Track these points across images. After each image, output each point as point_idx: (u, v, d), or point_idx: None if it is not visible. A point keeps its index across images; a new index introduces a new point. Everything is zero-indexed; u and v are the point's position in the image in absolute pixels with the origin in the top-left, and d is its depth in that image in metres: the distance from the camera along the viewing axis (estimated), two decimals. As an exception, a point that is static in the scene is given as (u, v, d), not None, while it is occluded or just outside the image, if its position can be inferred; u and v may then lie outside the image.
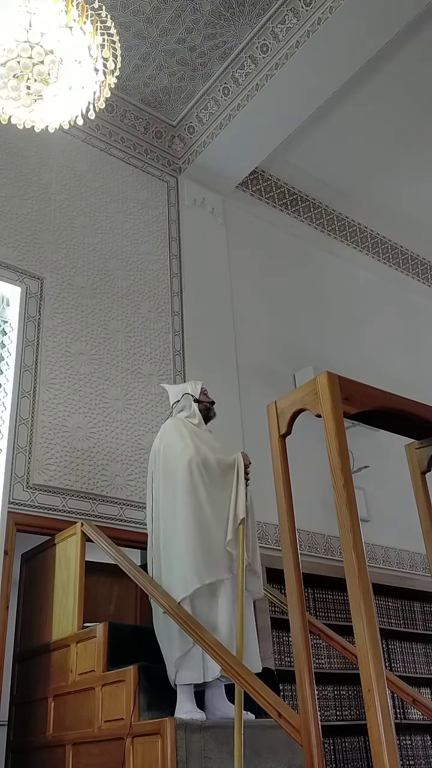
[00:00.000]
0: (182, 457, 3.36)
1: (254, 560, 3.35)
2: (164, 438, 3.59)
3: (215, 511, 3.27)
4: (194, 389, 3.82)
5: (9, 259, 4.70)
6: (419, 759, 4.99)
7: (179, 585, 3.14)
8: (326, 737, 4.50)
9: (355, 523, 2.05)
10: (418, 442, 2.55)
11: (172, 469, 3.40)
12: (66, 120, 3.46)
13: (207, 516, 3.24)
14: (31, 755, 3.65)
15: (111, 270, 5.21)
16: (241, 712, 2.71)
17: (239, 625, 3.02)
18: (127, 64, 5.28)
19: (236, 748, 2.60)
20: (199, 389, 3.82)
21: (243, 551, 3.17)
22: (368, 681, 1.89)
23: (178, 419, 3.70)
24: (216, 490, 3.33)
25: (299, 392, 2.36)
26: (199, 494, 3.27)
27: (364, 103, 5.80)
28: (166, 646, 3.22)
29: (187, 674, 3.10)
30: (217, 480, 3.36)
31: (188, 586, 3.10)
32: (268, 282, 6.17)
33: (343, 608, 5.09)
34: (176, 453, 3.42)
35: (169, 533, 3.32)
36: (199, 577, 3.10)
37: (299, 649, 2.16)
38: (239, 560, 3.17)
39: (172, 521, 3.31)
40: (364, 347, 6.52)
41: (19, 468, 4.14)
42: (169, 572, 3.24)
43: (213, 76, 5.51)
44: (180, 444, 3.44)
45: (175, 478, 3.35)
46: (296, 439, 2.45)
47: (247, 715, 3.07)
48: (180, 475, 3.32)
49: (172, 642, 3.17)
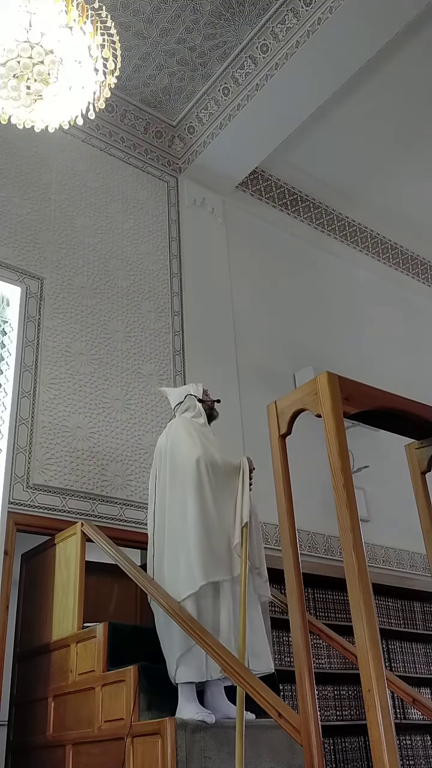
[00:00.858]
0: (191, 455, 3.36)
1: (261, 564, 3.36)
2: (172, 435, 3.57)
3: (219, 512, 3.27)
4: (197, 390, 3.82)
5: (9, 259, 4.70)
6: (419, 759, 4.99)
7: (186, 581, 3.13)
8: (326, 737, 4.49)
9: (355, 523, 2.06)
10: (418, 442, 2.55)
11: (182, 467, 3.39)
12: (66, 120, 3.46)
13: (212, 516, 3.24)
14: (31, 755, 3.65)
15: (111, 270, 5.21)
16: (242, 714, 2.71)
17: (242, 627, 3.01)
18: (127, 64, 5.29)
19: (237, 749, 2.59)
20: (201, 390, 3.82)
21: (246, 554, 3.17)
22: (368, 681, 1.89)
23: (185, 418, 3.69)
24: (220, 491, 3.33)
25: (299, 392, 2.36)
26: (205, 493, 3.27)
27: (364, 103, 5.80)
28: (167, 644, 3.21)
29: (187, 672, 3.09)
30: (222, 481, 3.36)
31: (195, 582, 3.09)
32: (268, 282, 6.17)
33: (343, 608, 5.08)
34: (184, 451, 3.41)
35: (176, 530, 3.31)
36: (206, 574, 3.09)
37: (299, 649, 2.17)
38: (242, 562, 3.16)
39: (180, 518, 3.29)
40: (364, 347, 6.52)
41: (19, 468, 4.14)
42: (176, 568, 3.22)
43: (213, 76, 5.51)
44: (189, 442, 3.44)
45: (184, 475, 3.35)
46: (296, 439, 2.45)
47: (247, 715, 3.08)
48: (189, 473, 3.32)
49: (173, 640, 3.16)
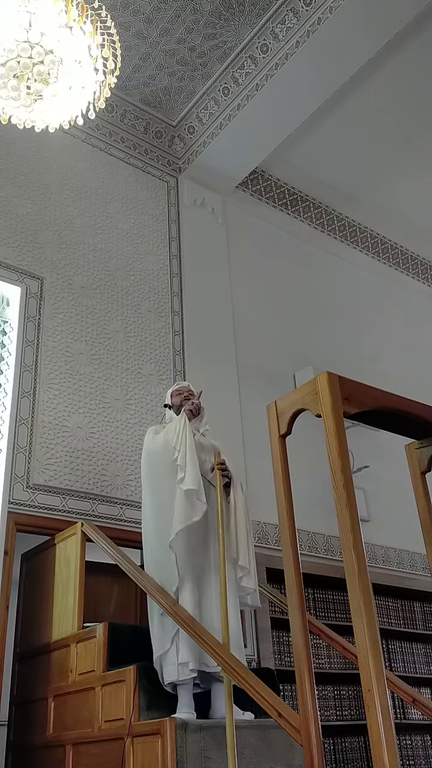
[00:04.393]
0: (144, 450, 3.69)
1: (243, 557, 3.28)
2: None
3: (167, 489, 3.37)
4: (167, 397, 3.87)
5: (9, 259, 4.70)
6: (419, 759, 4.99)
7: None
8: (326, 737, 4.50)
9: (355, 523, 2.05)
10: (418, 442, 2.55)
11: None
12: (66, 120, 3.46)
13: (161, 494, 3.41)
14: (31, 755, 3.65)
15: (111, 270, 5.21)
16: (231, 709, 2.71)
17: (223, 618, 2.98)
18: (127, 64, 5.28)
19: (229, 746, 2.60)
20: (168, 394, 3.86)
21: (224, 546, 3.14)
22: (368, 681, 1.89)
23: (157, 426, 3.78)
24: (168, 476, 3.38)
25: (299, 392, 2.36)
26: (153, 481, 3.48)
27: (364, 102, 5.80)
28: (155, 647, 3.23)
29: (171, 671, 3.11)
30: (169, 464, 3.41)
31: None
32: (268, 282, 6.17)
33: (343, 608, 5.09)
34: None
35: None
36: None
37: (299, 649, 2.16)
38: (220, 555, 3.13)
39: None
40: (364, 347, 6.52)
41: (19, 468, 4.14)
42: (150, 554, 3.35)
43: (213, 76, 5.51)
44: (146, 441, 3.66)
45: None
46: (296, 439, 2.45)
47: (245, 715, 3.08)
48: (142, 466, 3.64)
49: (155, 641, 3.20)
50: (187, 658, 3.05)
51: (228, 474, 3.41)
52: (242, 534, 3.34)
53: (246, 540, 3.34)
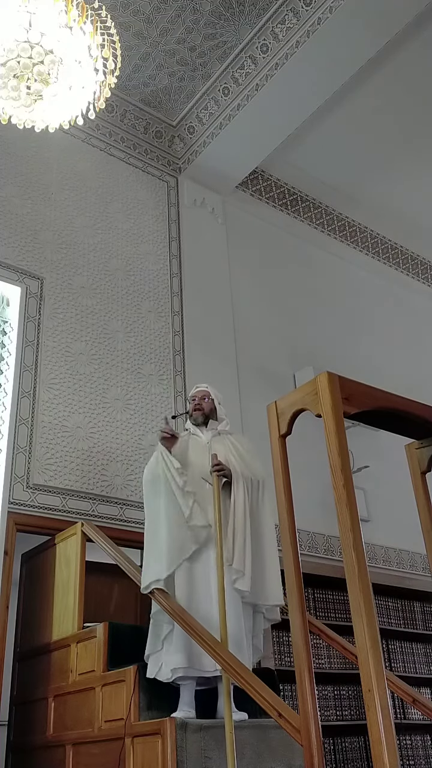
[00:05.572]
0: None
1: (236, 557, 3.19)
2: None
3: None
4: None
5: (9, 259, 4.70)
6: (419, 759, 4.99)
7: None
8: (326, 737, 4.49)
9: (355, 523, 2.05)
10: (418, 442, 2.55)
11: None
12: (66, 120, 3.47)
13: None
14: (31, 755, 3.65)
15: (111, 270, 5.21)
16: (230, 709, 2.71)
17: (221, 617, 2.97)
18: (127, 64, 5.28)
19: (228, 746, 2.60)
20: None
21: (221, 547, 3.12)
22: (368, 681, 1.89)
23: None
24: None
25: (299, 392, 2.36)
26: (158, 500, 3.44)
27: (364, 102, 5.80)
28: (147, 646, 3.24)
29: (163, 671, 3.10)
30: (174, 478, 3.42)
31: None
32: (268, 282, 6.17)
33: (343, 608, 5.08)
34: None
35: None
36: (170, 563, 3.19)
37: (299, 649, 2.16)
38: (217, 557, 3.11)
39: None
40: (364, 347, 6.52)
41: (19, 468, 4.14)
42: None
43: (213, 76, 5.51)
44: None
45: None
46: (296, 439, 2.45)
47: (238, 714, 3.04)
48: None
49: (149, 641, 3.21)
50: (179, 663, 3.02)
51: (226, 473, 3.37)
52: (239, 536, 3.25)
53: (243, 542, 3.23)
